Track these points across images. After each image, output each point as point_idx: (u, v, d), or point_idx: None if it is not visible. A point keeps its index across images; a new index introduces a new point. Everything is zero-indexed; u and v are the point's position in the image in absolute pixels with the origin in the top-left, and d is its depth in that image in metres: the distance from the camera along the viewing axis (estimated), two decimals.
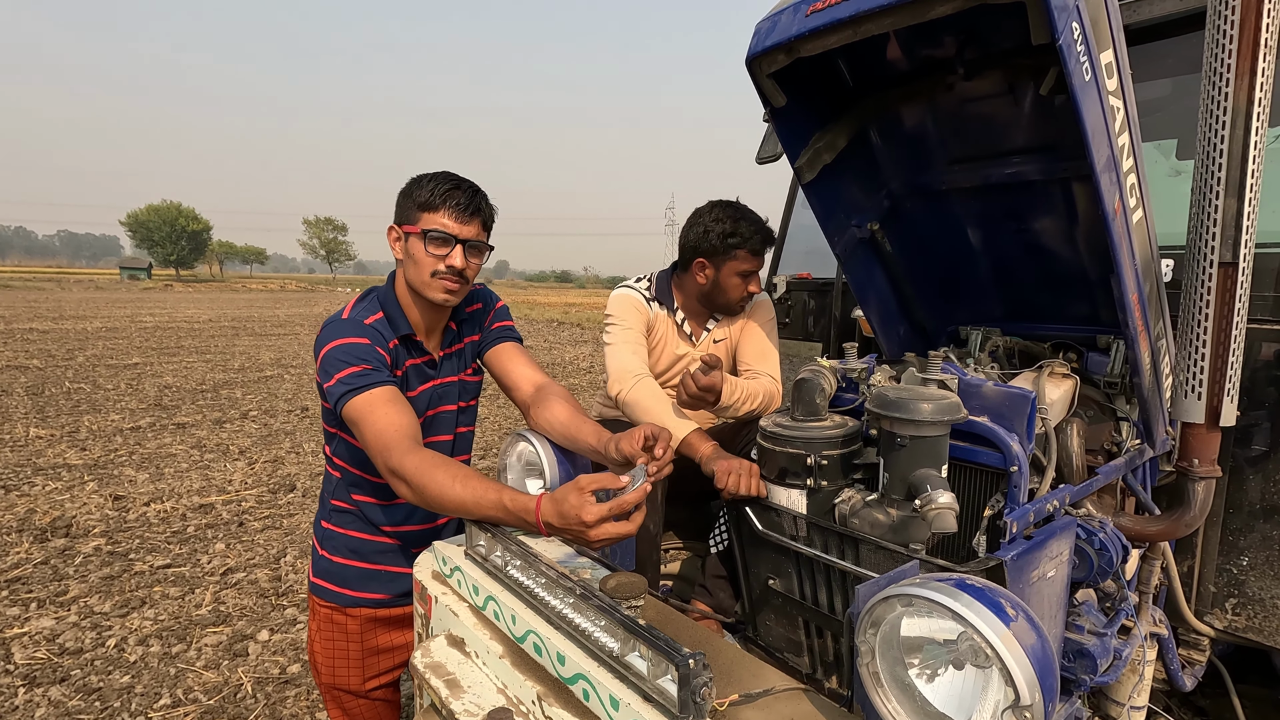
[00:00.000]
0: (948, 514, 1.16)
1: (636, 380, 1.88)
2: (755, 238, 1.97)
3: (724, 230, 1.96)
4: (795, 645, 1.56)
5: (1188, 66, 2.09)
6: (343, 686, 1.62)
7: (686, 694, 0.83)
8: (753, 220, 1.99)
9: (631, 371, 1.91)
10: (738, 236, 1.95)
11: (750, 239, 1.96)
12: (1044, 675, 0.76)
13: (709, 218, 1.99)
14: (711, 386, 1.70)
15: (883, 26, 1.30)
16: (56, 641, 3.04)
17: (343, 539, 1.59)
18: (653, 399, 1.84)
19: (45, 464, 5.55)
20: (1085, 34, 1.14)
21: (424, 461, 1.29)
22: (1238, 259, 1.27)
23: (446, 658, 1.20)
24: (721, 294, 2.04)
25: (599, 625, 0.99)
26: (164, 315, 22.24)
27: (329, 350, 1.39)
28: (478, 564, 1.31)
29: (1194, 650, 2.00)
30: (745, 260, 1.98)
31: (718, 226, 1.97)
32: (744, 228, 1.96)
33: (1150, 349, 1.50)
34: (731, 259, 1.98)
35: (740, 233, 1.95)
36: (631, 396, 1.86)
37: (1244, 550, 1.90)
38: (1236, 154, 1.23)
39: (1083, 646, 1.37)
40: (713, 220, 1.98)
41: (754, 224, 1.98)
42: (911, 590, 0.84)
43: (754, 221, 1.99)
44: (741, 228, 1.96)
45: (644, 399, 1.84)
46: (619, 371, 1.93)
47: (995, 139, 1.74)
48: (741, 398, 1.86)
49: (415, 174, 1.51)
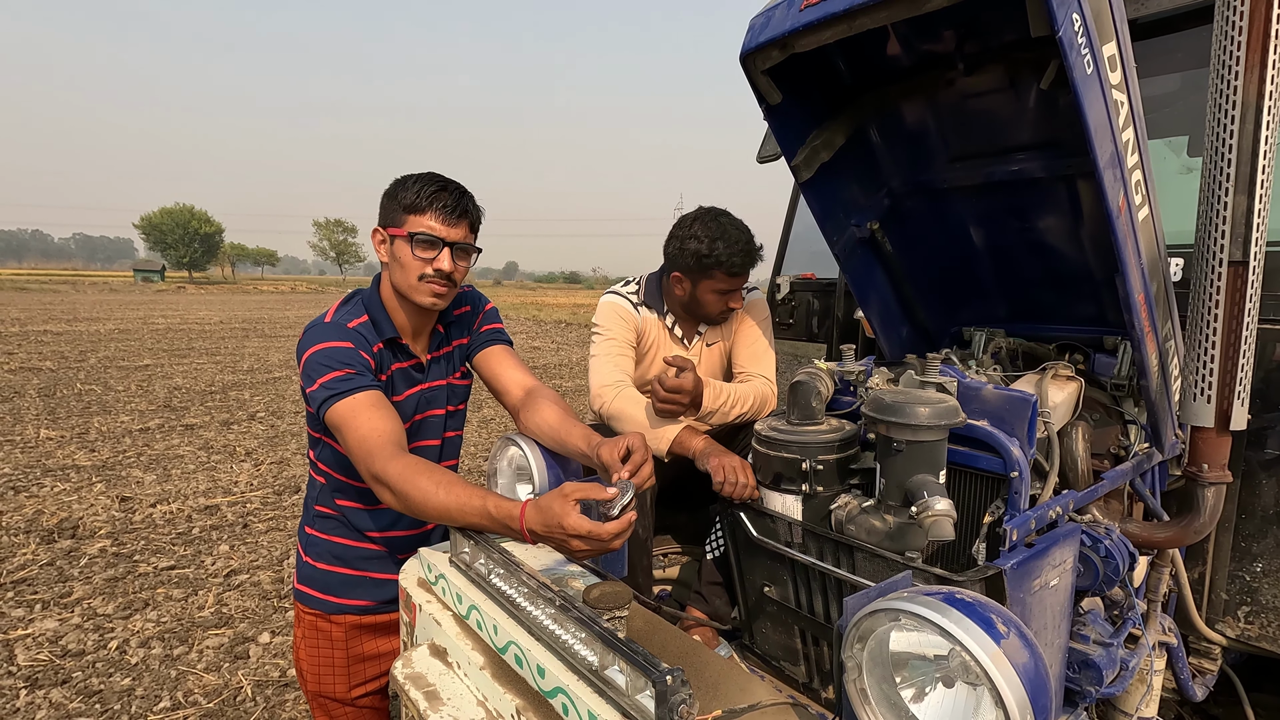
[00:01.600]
0: (945, 521, 1.13)
1: (617, 391, 1.84)
2: (733, 260, 1.85)
3: (699, 250, 1.85)
4: (791, 653, 1.53)
5: (1197, 61, 2.04)
6: (329, 694, 1.60)
7: (664, 711, 0.80)
8: (732, 239, 1.85)
9: (610, 384, 1.86)
10: (713, 258, 1.84)
11: (727, 261, 1.84)
12: (1036, 696, 0.73)
13: (687, 232, 1.88)
14: (679, 388, 1.66)
15: (878, 20, 1.27)
16: (59, 643, 3.05)
17: (326, 545, 1.57)
18: (635, 406, 1.80)
19: (55, 465, 5.59)
20: (1087, 26, 1.10)
21: (408, 467, 1.26)
22: (1248, 257, 1.22)
23: (428, 668, 1.18)
24: (699, 308, 1.96)
25: (579, 638, 0.96)
26: (176, 317, 22.44)
27: (311, 354, 1.37)
28: (461, 572, 1.28)
29: (1205, 659, 1.95)
30: (722, 280, 1.88)
31: (693, 245, 1.86)
32: (720, 249, 1.83)
33: (1158, 350, 1.46)
34: (708, 278, 1.89)
35: (716, 254, 1.84)
36: (613, 408, 1.82)
37: (1257, 556, 1.85)
38: (1246, 150, 1.19)
39: (1088, 657, 1.33)
40: (690, 236, 1.87)
41: (732, 244, 1.85)
42: (899, 605, 0.80)
43: (733, 241, 1.85)
44: (718, 249, 1.83)
45: (626, 408, 1.80)
46: (598, 386, 1.89)
47: (997, 135, 1.70)
48: (729, 402, 1.82)
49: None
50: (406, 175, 1.46)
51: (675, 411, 1.72)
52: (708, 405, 1.76)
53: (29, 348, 12.94)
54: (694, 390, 1.69)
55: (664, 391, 1.66)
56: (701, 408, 1.77)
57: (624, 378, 1.89)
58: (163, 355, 12.71)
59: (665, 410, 1.71)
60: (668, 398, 1.67)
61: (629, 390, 1.84)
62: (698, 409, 1.77)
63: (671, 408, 1.70)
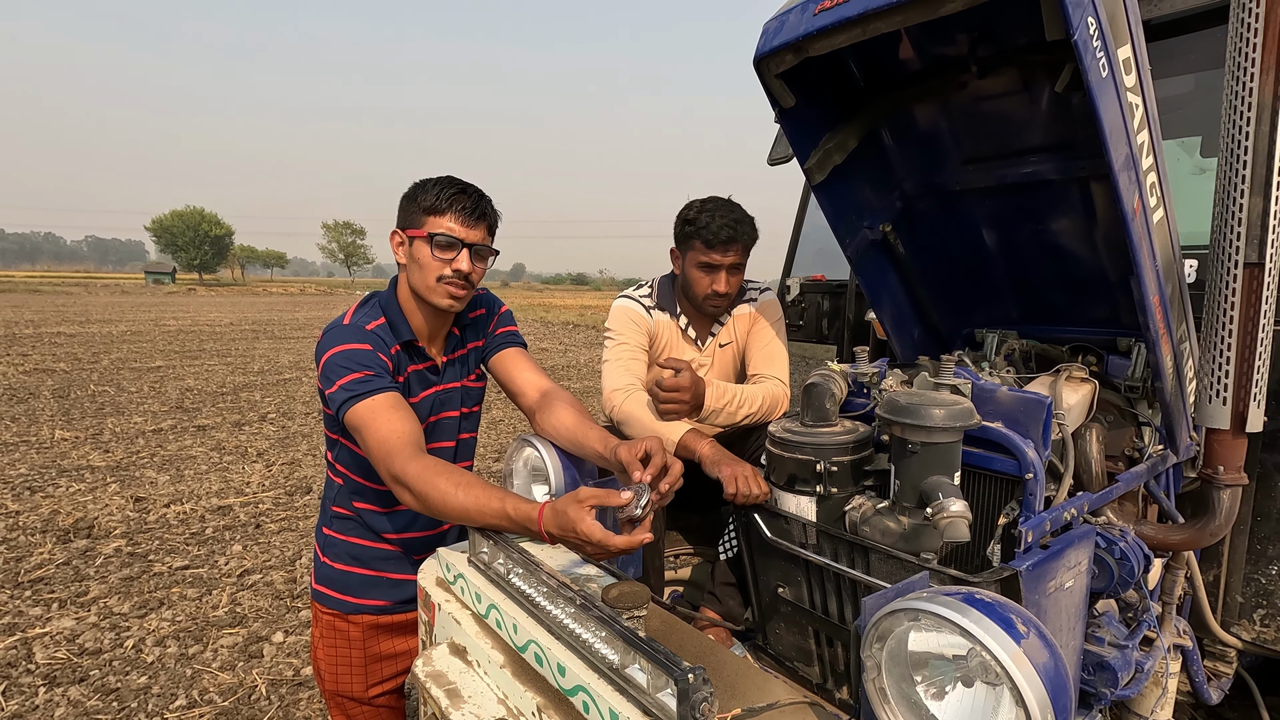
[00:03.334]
0: (960, 523, 1.13)
1: (626, 395, 1.85)
2: (712, 227, 1.84)
3: (686, 217, 1.91)
4: (805, 654, 1.53)
5: (1211, 61, 2.03)
6: (346, 693, 1.62)
7: (686, 709, 0.81)
8: (715, 210, 1.87)
9: (621, 387, 1.88)
10: (694, 225, 1.88)
11: (705, 228, 1.85)
12: (1057, 695, 0.73)
13: (685, 207, 1.95)
14: (677, 388, 1.67)
15: (892, 24, 1.28)
16: (76, 642, 3.08)
17: (344, 545, 1.58)
18: (642, 409, 1.80)
19: (70, 466, 5.65)
20: (1102, 29, 1.10)
21: (427, 468, 1.28)
22: (1264, 259, 1.22)
23: (448, 666, 1.19)
24: (689, 287, 1.97)
25: (599, 636, 0.97)
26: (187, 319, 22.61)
27: (330, 356, 1.39)
28: (480, 571, 1.30)
29: (1220, 662, 1.94)
30: (702, 251, 1.89)
31: (683, 213, 1.93)
32: (704, 218, 1.86)
33: (1173, 352, 1.46)
34: (691, 249, 1.92)
35: (698, 222, 1.87)
36: (622, 412, 1.83)
37: (1273, 559, 1.84)
38: (1262, 151, 1.19)
39: (1103, 659, 1.33)
40: (686, 208, 1.94)
41: (714, 214, 1.86)
42: (918, 605, 0.81)
43: (716, 211, 1.87)
44: (702, 217, 1.86)
45: (634, 411, 1.81)
46: (609, 390, 1.90)
47: (1010, 138, 1.70)
48: (735, 402, 1.81)
49: (425, 177, 1.51)
50: (425, 179, 1.48)
51: (678, 412, 1.73)
52: (710, 405, 1.77)
53: (43, 349, 13.07)
54: (693, 389, 1.70)
55: (662, 393, 1.67)
56: (704, 408, 1.77)
57: (634, 381, 1.90)
58: (174, 357, 12.82)
59: (668, 411, 1.72)
60: (667, 398, 1.68)
61: (638, 394, 1.85)
62: (700, 409, 1.77)
63: (673, 408, 1.71)
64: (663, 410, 1.72)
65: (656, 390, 1.69)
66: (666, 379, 1.67)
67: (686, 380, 1.67)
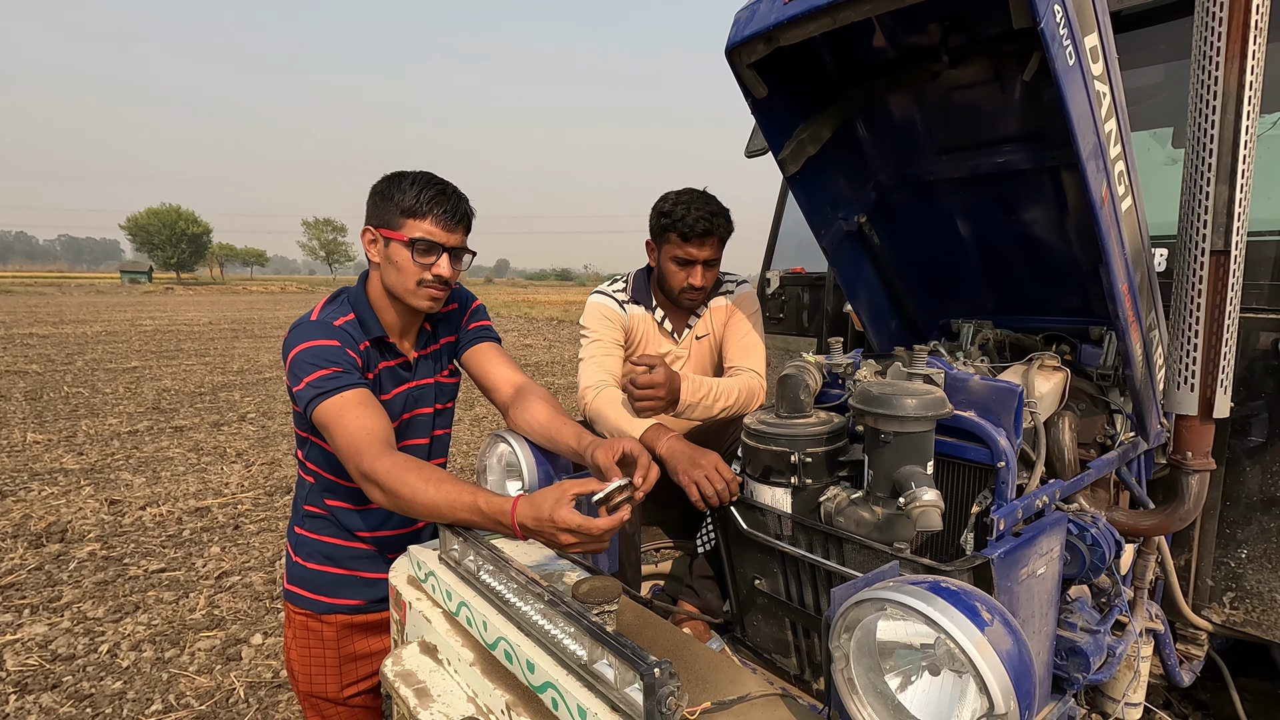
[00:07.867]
0: (932, 512, 1.13)
1: (597, 392, 1.84)
2: (688, 220, 1.84)
3: (661, 209, 1.91)
4: (783, 645, 1.53)
5: (1181, 52, 2.05)
6: (321, 694, 1.59)
7: (653, 704, 0.80)
8: (690, 202, 1.86)
9: (593, 385, 1.87)
10: (669, 218, 1.87)
11: (681, 221, 1.84)
12: (1020, 682, 0.73)
13: (661, 199, 1.94)
14: (651, 384, 1.66)
15: (862, 13, 1.27)
16: (49, 648, 3.02)
17: (316, 544, 1.56)
18: (610, 405, 1.79)
19: (42, 469, 5.54)
20: (1068, 17, 1.10)
21: (396, 465, 1.26)
22: (1230, 247, 1.23)
23: (418, 665, 1.18)
24: (665, 280, 1.98)
25: (568, 632, 0.96)
26: (164, 318, 22.25)
27: (297, 353, 1.36)
28: (451, 569, 1.28)
29: (1192, 645, 1.97)
30: (677, 245, 1.88)
31: (658, 206, 1.92)
32: (679, 210, 1.85)
33: (1142, 340, 1.47)
34: (666, 242, 1.91)
35: (674, 214, 1.86)
36: (592, 409, 1.82)
37: (1242, 543, 1.87)
38: (1228, 140, 1.20)
39: (1075, 644, 1.34)
40: (661, 201, 1.93)
41: (688, 205, 1.86)
42: (884, 595, 0.81)
43: (695, 207, 1.85)
44: (677, 210, 1.86)
45: (604, 408, 1.80)
46: (582, 388, 1.90)
47: (983, 128, 1.70)
48: (711, 396, 1.80)
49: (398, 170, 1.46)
50: (399, 173, 1.44)
51: (654, 408, 1.71)
52: (686, 399, 1.75)
53: (15, 351, 12.80)
54: (668, 385, 1.68)
55: (637, 390, 1.66)
56: (680, 402, 1.76)
57: (606, 378, 1.88)
58: (151, 357, 12.60)
59: (643, 408, 1.70)
60: (642, 395, 1.67)
61: (608, 390, 1.84)
62: (676, 404, 1.76)
63: (649, 405, 1.69)
64: (638, 408, 1.71)
65: (630, 387, 1.68)
66: (640, 376, 1.66)
67: (661, 376, 1.66)
